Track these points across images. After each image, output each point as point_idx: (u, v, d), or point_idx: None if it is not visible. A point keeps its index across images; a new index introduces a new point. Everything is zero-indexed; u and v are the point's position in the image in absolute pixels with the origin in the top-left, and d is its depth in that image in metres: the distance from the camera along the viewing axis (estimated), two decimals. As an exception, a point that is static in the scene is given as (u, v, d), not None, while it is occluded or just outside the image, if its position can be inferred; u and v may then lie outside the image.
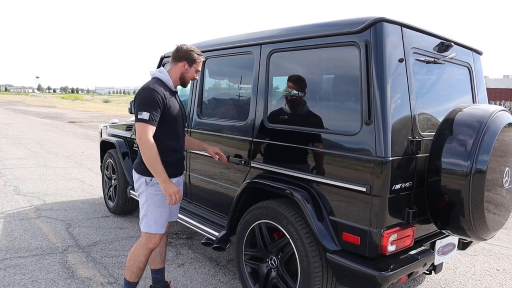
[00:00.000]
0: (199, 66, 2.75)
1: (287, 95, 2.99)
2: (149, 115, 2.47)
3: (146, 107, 2.48)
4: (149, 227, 2.65)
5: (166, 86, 2.64)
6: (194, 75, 2.75)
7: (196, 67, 2.73)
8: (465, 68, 3.11)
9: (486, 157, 2.24)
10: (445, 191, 2.34)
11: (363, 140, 2.31)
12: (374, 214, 2.26)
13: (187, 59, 2.68)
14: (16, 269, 3.47)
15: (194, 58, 2.69)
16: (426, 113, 2.63)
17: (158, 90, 2.53)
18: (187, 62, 2.68)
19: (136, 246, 2.72)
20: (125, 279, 2.78)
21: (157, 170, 2.50)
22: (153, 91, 2.52)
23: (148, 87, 2.55)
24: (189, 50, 2.68)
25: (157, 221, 2.66)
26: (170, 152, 2.67)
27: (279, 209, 2.66)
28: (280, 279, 2.78)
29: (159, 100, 2.51)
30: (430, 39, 2.65)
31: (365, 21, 2.34)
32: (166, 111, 2.58)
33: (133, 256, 2.72)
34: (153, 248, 2.71)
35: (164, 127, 2.60)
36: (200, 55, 2.74)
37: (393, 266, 2.30)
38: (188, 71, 2.71)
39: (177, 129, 2.72)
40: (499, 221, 2.55)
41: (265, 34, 3.09)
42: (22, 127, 16.46)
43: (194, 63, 2.71)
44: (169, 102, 2.59)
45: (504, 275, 3.75)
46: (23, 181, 6.76)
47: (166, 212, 2.71)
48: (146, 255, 2.70)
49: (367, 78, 2.30)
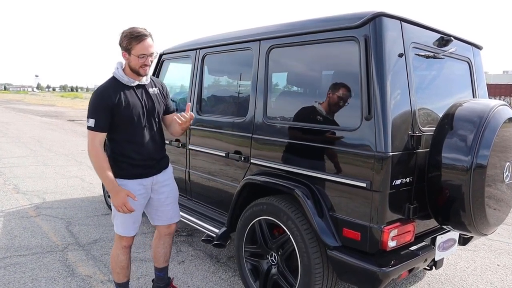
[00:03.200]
0: (140, 50, 2.36)
1: (287, 91, 2.98)
2: (95, 121, 2.35)
3: (91, 113, 2.37)
4: (117, 229, 2.64)
5: (119, 83, 2.46)
6: (140, 62, 2.40)
7: (137, 53, 2.37)
8: (465, 63, 3.10)
9: (487, 152, 2.23)
10: (445, 186, 2.33)
11: (363, 136, 2.30)
12: (374, 210, 2.26)
13: (124, 49, 2.41)
14: (16, 268, 3.47)
15: (127, 46, 2.38)
16: (426, 108, 2.62)
17: (103, 91, 2.40)
18: (125, 51, 2.41)
19: (113, 248, 2.72)
20: (114, 282, 2.79)
21: (105, 180, 2.40)
22: (97, 95, 2.39)
23: (94, 91, 2.44)
24: (122, 37, 2.39)
25: (123, 223, 2.60)
26: (132, 153, 2.51)
27: (279, 205, 2.65)
28: (281, 276, 2.77)
29: (104, 102, 2.36)
30: (429, 34, 2.64)
31: (364, 16, 2.33)
32: (118, 110, 2.40)
33: (113, 258, 2.72)
34: (127, 246, 2.69)
35: (121, 127, 2.46)
36: (134, 38, 2.35)
37: (394, 261, 2.29)
38: (131, 61, 2.42)
39: (138, 127, 2.50)
40: (500, 216, 2.55)
41: (264, 30, 3.08)
42: (22, 125, 16.44)
43: (132, 51, 2.38)
44: (121, 100, 2.41)
45: (505, 270, 3.75)
46: (23, 179, 6.76)
47: (134, 214, 2.57)
48: (124, 253, 2.69)
49: (367, 73, 2.29)
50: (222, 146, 3.31)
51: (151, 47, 2.42)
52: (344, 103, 2.56)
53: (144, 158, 2.56)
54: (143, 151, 2.54)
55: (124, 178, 2.51)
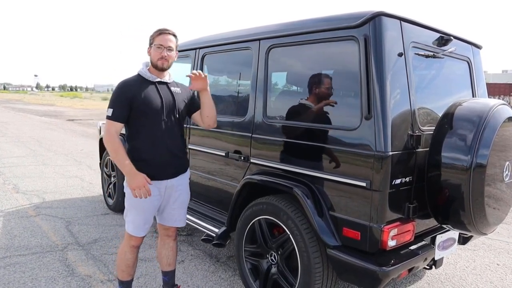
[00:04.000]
0: (158, 41, 2.51)
1: (287, 90, 2.98)
2: (112, 111, 2.44)
3: (110, 103, 2.47)
4: (128, 227, 2.63)
5: (142, 79, 2.54)
6: (158, 53, 2.51)
7: (155, 45, 2.53)
8: (465, 62, 3.10)
9: (486, 152, 2.23)
10: (445, 185, 2.33)
11: (363, 135, 2.30)
12: (374, 209, 2.26)
13: (149, 45, 2.59)
14: (16, 267, 3.46)
15: (150, 40, 2.58)
16: (425, 107, 2.62)
17: (125, 84, 2.50)
18: (149, 46, 2.58)
19: (122, 245, 2.71)
20: (118, 279, 2.77)
21: (119, 162, 2.45)
22: (118, 87, 2.50)
23: (118, 83, 2.53)
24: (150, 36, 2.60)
25: (134, 222, 2.60)
26: (148, 150, 2.52)
27: (279, 204, 2.66)
28: (281, 275, 2.77)
29: (125, 94, 2.45)
30: (429, 33, 2.64)
31: (364, 16, 2.33)
32: (136, 102, 2.45)
33: (120, 255, 2.71)
34: (136, 246, 2.68)
35: (138, 122, 2.50)
36: (156, 32, 2.56)
37: (394, 261, 2.30)
38: (151, 53, 2.55)
39: (156, 121, 2.52)
40: (499, 216, 2.55)
41: (263, 30, 3.08)
42: (21, 125, 16.43)
43: (152, 43, 2.55)
44: (140, 93, 2.47)
45: (504, 269, 3.75)
46: (22, 179, 6.75)
47: (145, 215, 2.58)
48: (131, 252, 2.68)
49: (367, 72, 2.29)
50: (222, 145, 3.31)
51: (170, 41, 2.54)
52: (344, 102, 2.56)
53: (162, 154, 2.54)
54: (160, 147, 2.54)
55: None
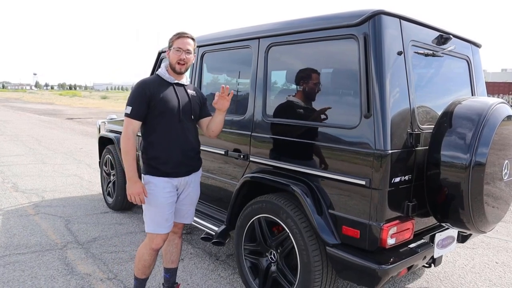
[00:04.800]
0: (177, 44, 2.56)
1: (286, 89, 2.98)
2: (131, 109, 2.47)
3: (130, 101, 2.50)
4: (148, 226, 2.61)
5: (161, 79, 2.59)
6: (176, 56, 2.55)
7: (173, 47, 2.57)
8: (464, 61, 3.10)
9: (486, 150, 2.24)
10: (444, 184, 2.34)
11: (362, 134, 2.30)
12: (373, 207, 2.26)
13: (168, 48, 2.62)
14: (16, 266, 3.47)
15: (169, 43, 2.62)
16: (425, 106, 2.62)
17: (145, 83, 2.52)
18: (168, 49, 2.62)
19: (142, 245, 2.69)
20: (134, 275, 2.78)
21: (126, 165, 2.47)
22: (138, 85, 2.52)
23: (137, 82, 2.56)
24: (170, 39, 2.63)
25: (154, 220, 2.58)
26: (166, 149, 2.55)
27: (278, 203, 2.66)
28: (280, 273, 2.78)
29: (145, 93, 2.47)
30: (428, 32, 2.64)
31: (363, 14, 2.33)
32: (156, 104, 2.49)
33: (139, 255, 2.70)
34: (156, 248, 2.65)
35: (155, 121, 2.53)
36: (175, 35, 2.60)
37: (393, 259, 2.30)
38: (170, 56, 2.59)
39: (172, 121, 2.56)
40: (498, 214, 2.56)
41: (263, 28, 3.07)
42: (20, 124, 16.41)
43: (171, 46, 2.59)
44: (159, 95, 2.50)
45: (503, 267, 3.76)
46: (22, 178, 6.75)
47: (164, 212, 2.58)
48: (150, 254, 2.66)
49: (366, 71, 2.29)
50: (221, 144, 3.31)
51: (189, 44, 2.59)
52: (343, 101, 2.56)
53: (175, 155, 2.57)
54: (174, 147, 2.57)
55: (153, 175, 2.55)
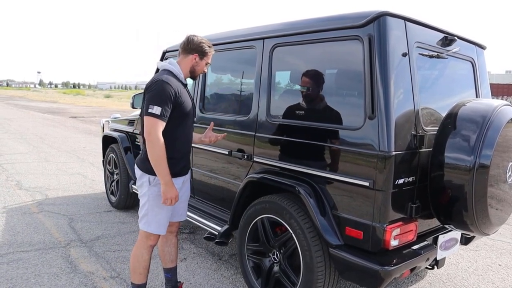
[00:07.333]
0: (209, 59, 2.65)
1: (290, 89, 2.98)
2: (161, 110, 2.34)
3: (157, 101, 2.35)
4: (149, 226, 2.57)
5: (177, 79, 2.53)
6: (204, 68, 2.66)
7: (206, 60, 2.63)
8: (469, 62, 3.10)
9: (490, 152, 2.23)
10: (448, 186, 2.33)
11: (366, 135, 2.30)
12: (377, 209, 2.26)
13: (198, 52, 2.57)
14: (19, 263, 3.48)
15: (205, 50, 2.58)
16: (429, 107, 2.62)
17: (171, 83, 2.41)
18: (198, 54, 2.57)
19: (137, 246, 2.65)
20: (133, 283, 2.69)
21: (162, 171, 2.40)
22: (166, 85, 2.38)
23: (161, 80, 2.40)
24: (201, 42, 2.57)
25: (158, 222, 2.57)
26: (180, 149, 2.58)
27: (281, 203, 2.66)
28: (283, 274, 2.78)
29: (171, 94, 2.39)
30: (433, 33, 2.64)
31: (368, 15, 2.33)
32: (179, 106, 2.46)
33: (136, 257, 2.64)
34: (154, 245, 2.66)
35: (176, 122, 2.49)
36: (211, 47, 2.63)
37: (396, 260, 2.30)
38: (198, 64, 2.60)
39: (188, 125, 2.61)
40: (502, 216, 2.55)
41: (268, 28, 3.08)
42: (24, 122, 16.48)
43: (205, 56, 2.60)
44: (182, 97, 2.48)
45: (506, 270, 3.75)
46: (25, 175, 6.78)
47: (168, 213, 2.61)
48: (149, 252, 2.66)
49: (371, 72, 2.29)
50: (225, 144, 3.32)
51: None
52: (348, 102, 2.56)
53: (186, 155, 2.67)
54: (185, 148, 2.65)
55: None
